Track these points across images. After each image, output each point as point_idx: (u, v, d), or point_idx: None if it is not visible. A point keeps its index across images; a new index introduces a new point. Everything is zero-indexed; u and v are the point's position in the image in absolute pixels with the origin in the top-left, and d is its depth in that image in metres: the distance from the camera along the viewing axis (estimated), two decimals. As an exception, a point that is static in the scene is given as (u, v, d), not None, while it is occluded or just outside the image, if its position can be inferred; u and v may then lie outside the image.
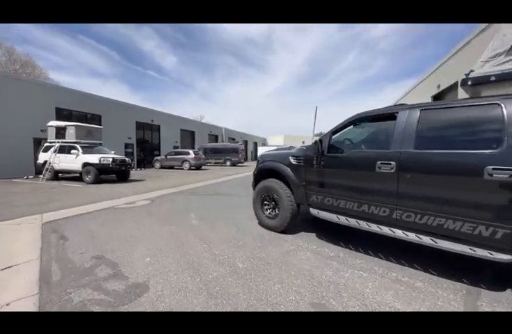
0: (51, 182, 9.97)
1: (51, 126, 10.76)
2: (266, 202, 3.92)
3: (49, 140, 10.86)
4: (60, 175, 10.92)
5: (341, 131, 3.12)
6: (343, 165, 2.90)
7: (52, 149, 10.47)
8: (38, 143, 11.99)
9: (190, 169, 17.86)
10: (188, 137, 26.42)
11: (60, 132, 10.57)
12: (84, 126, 10.86)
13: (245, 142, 38.75)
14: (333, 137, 3.15)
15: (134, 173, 14.39)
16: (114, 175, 10.87)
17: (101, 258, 2.91)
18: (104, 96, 16.86)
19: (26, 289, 2.27)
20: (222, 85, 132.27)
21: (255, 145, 46.13)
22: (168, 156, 18.66)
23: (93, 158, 9.64)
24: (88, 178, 9.70)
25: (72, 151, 9.93)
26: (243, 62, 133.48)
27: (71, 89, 14.79)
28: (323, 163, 3.09)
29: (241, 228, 4.04)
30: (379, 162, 2.56)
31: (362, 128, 3.11)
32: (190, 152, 18.24)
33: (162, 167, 18.87)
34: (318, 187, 3.20)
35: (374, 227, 2.65)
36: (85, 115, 15.21)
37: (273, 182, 3.74)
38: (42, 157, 10.74)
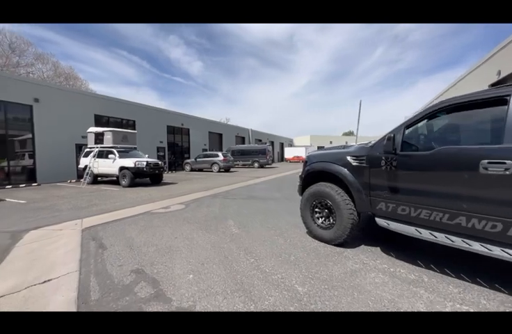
0: (91, 186, 10.38)
1: (91, 132, 11.25)
2: (317, 210, 3.41)
3: (88, 146, 11.38)
4: (99, 178, 11.36)
5: (419, 124, 2.52)
6: (427, 166, 2.30)
7: (91, 154, 10.92)
8: (80, 149, 12.65)
9: (219, 171, 17.85)
10: (215, 139, 26.66)
11: (99, 138, 11.00)
12: (120, 132, 11.20)
13: (272, 144, 38.29)
14: (407, 132, 2.56)
15: (166, 176, 14.64)
16: (148, 179, 11.05)
17: (140, 272, 2.63)
18: (137, 102, 17.51)
19: (63, 309, 2.03)
20: (246, 87, 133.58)
21: (282, 145, 45.49)
22: (198, 159, 18.85)
23: (129, 162, 9.84)
24: (124, 182, 9.92)
25: (110, 155, 10.24)
26: (266, 64, 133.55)
27: (108, 96, 15.53)
28: (397, 164, 2.51)
29: (288, 239, 3.57)
30: (485, 161, 1.94)
31: (447, 119, 2.48)
32: (219, 154, 18.23)
33: (192, 169, 19.11)
34: (388, 193, 2.62)
35: (478, 247, 2.02)
36: (120, 121, 15.87)
37: (326, 186, 3.23)
38: (83, 162, 11.26)
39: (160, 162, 10.83)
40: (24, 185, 10.64)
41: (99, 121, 14.32)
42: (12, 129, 11.23)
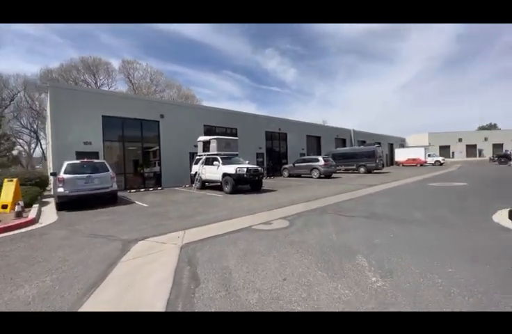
0: (200, 191, 11.04)
1: (200, 141, 12.17)
2: None
3: (198, 154, 12.34)
4: (206, 184, 12.05)
5: None
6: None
7: (200, 161, 11.72)
8: (192, 157, 14.06)
9: (319, 177, 16.18)
10: (313, 143, 25.09)
11: (206, 146, 11.71)
12: (223, 139, 11.57)
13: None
14: None
15: (265, 182, 14.35)
16: (248, 185, 10.82)
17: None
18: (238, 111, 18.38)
19: None
20: (342, 87, 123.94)
21: (391, 146, 38.77)
22: (296, 164, 17.85)
23: (230, 169, 9.82)
24: (226, 188, 9.97)
25: (214, 162, 10.61)
26: (365, 58, 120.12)
27: (214, 107, 16.96)
28: None
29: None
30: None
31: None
32: (320, 158, 16.60)
33: (290, 175, 18.28)
34: None
35: None
36: (224, 130, 16.94)
37: None
38: (194, 169, 12.28)
39: (259, 168, 10.40)
40: (152, 189, 12.55)
41: (208, 131, 15.65)
42: (147, 142, 13.63)
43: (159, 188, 12.89)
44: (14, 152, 27.80)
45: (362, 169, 19.91)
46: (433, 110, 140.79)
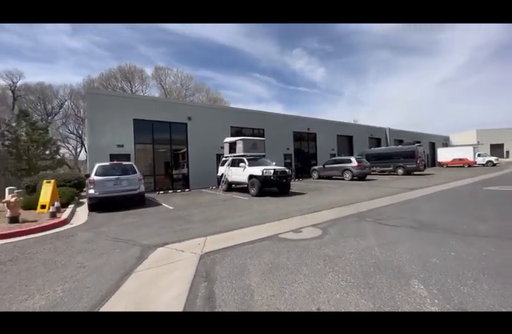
0: (226, 193, 10.82)
1: (226, 142, 11.99)
2: None
3: (225, 155, 12.16)
4: (233, 186, 11.80)
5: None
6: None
7: (227, 162, 11.52)
8: (219, 158, 13.97)
9: (352, 179, 15.10)
10: (345, 143, 23.76)
11: (232, 147, 11.48)
12: (250, 140, 11.24)
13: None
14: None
15: (293, 184, 13.74)
16: (276, 188, 10.33)
17: None
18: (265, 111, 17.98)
19: None
20: (374, 84, 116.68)
21: (432, 146, 35.48)
22: (326, 166, 16.91)
23: (257, 171, 9.43)
24: (252, 190, 9.60)
25: (241, 164, 10.31)
26: (400, 52, 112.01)
27: (240, 108, 16.79)
28: None
29: None
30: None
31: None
32: (352, 159, 15.50)
33: (320, 177, 17.39)
34: None
35: None
36: (251, 131, 16.67)
37: None
38: (220, 170, 12.12)
39: (287, 170, 9.85)
40: (180, 190, 12.66)
41: (235, 132, 15.48)
42: (175, 144, 13.84)
43: (187, 189, 12.97)
44: (63, 155, 30.50)
45: (400, 170, 18.26)
46: (479, 106, 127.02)
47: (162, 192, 11.93)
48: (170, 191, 12.24)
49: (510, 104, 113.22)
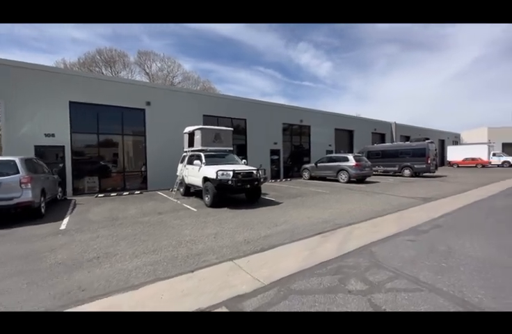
0: (180, 199, 8.31)
1: (185, 132, 9.34)
2: None
3: (184, 150, 9.55)
4: (191, 189, 9.14)
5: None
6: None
7: (185, 159, 8.91)
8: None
9: (348, 181, 12.40)
10: (344, 138, 20.95)
11: (191, 139, 8.85)
12: (210, 129, 8.55)
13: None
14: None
15: (276, 186, 11.15)
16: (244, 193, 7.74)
17: None
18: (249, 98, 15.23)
19: None
20: (381, 79, 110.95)
21: (442, 143, 32.46)
22: (319, 164, 14.20)
23: (211, 172, 6.82)
24: (207, 198, 7.01)
25: (195, 161, 7.69)
26: (409, 46, 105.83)
27: (216, 94, 14.13)
28: None
29: None
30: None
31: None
32: (350, 157, 12.77)
33: (311, 177, 14.72)
34: None
35: None
36: (230, 121, 13.96)
37: None
38: (178, 169, 9.52)
39: (255, 171, 7.19)
40: (127, 192, 10.08)
41: (209, 122, 12.76)
42: (129, 135, 11.21)
43: (137, 192, 10.30)
44: None
45: (406, 171, 15.51)
46: (492, 101, 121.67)
47: (103, 195, 9.38)
48: (114, 194, 9.65)
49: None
